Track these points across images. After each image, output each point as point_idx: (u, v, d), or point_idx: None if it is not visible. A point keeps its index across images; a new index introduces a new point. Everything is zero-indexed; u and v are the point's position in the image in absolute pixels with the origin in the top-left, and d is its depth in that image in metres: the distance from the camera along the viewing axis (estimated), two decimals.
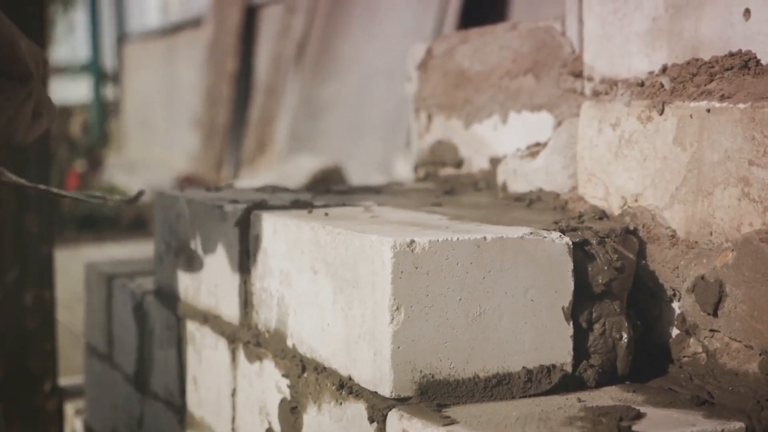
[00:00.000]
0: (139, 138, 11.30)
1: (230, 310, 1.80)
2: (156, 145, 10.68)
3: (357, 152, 6.55)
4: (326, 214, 1.64)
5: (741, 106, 1.40)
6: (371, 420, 1.37)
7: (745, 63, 1.49)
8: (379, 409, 1.36)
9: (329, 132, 7.05)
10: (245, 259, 1.74)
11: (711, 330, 1.41)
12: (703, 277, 1.42)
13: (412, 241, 1.35)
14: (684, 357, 1.46)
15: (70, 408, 2.71)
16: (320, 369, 1.51)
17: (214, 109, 8.89)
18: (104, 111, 12.24)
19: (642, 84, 1.63)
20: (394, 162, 5.68)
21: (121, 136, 11.78)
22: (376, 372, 1.37)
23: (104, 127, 12.01)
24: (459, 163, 2.24)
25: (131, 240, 6.48)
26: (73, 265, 3.67)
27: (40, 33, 2.57)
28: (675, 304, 1.49)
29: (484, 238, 1.38)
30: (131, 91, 11.78)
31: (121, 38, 12.18)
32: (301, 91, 7.36)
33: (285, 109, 7.56)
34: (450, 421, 1.28)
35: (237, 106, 8.61)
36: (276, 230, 1.63)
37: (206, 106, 9.04)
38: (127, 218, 7.17)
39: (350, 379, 1.44)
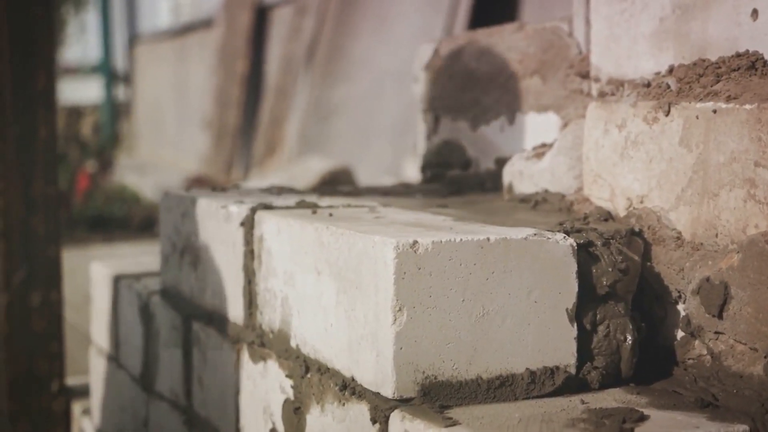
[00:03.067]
0: (150, 139, 11.32)
1: (235, 311, 1.80)
2: (167, 146, 10.69)
3: (366, 155, 6.55)
4: (330, 215, 1.63)
5: (747, 107, 1.39)
6: (374, 421, 1.36)
7: (752, 64, 1.48)
8: (381, 410, 1.35)
9: (339, 134, 7.05)
10: (250, 259, 1.74)
11: (716, 332, 1.40)
12: (708, 279, 1.41)
13: (415, 242, 1.34)
14: (689, 359, 1.46)
15: (77, 408, 2.71)
16: (323, 370, 1.51)
17: (224, 110, 8.90)
18: (115, 112, 12.26)
19: (648, 85, 1.63)
20: (404, 165, 5.67)
21: (133, 137, 11.80)
22: (378, 373, 1.37)
23: (115, 127, 12.04)
24: (466, 164, 2.24)
25: (141, 240, 6.49)
26: (83, 266, 3.67)
27: (47, 34, 2.58)
28: (680, 306, 1.49)
29: (488, 239, 1.38)
30: (142, 92, 11.80)
31: (133, 39, 12.20)
32: (311, 93, 7.36)
33: (295, 111, 7.56)
34: (452, 423, 1.28)
35: (247, 107, 8.61)
36: (280, 231, 1.63)
37: (217, 108, 9.04)
38: (137, 218, 7.18)
39: (353, 379, 1.43)
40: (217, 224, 1.84)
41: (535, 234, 1.41)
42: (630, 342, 1.45)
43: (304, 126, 7.38)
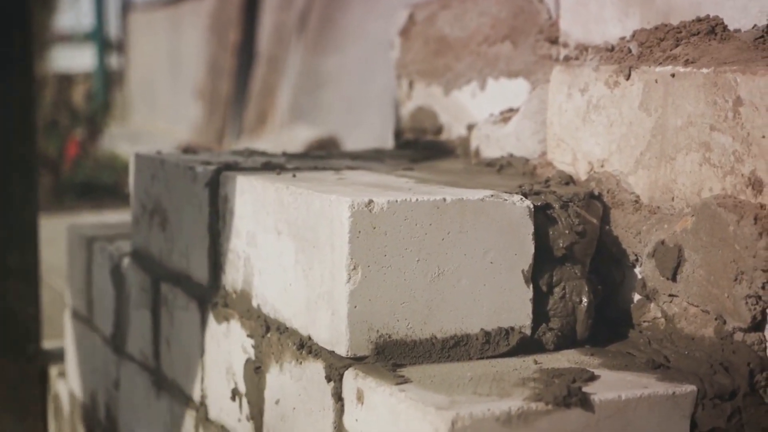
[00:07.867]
0: (143, 108, 11.29)
1: (200, 272, 1.81)
2: (160, 115, 10.66)
3: (356, 124, 6.54)
4: (294, 176, 1.64)
5: (704, 71, 1.39)
6: (329, 379, 1.37)
7: (711, 28, 1.48)
8: (336, 368, 1.36)
9: (330, 104, 7.03)
10: (215, 220, 1.74)
11: (670, 295, 1.41)
12: (663, 242, 1.41)
13: (370, 201, 1.35)
14: (644, 322, 1.47)
15: (54, 371, 2.72)
16: (283, 329, 1.52)
17: (216, 79, 8.88)
18: (108, 80, 12.21)
19: (612, 49, 1.63)
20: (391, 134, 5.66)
21: (125, 105, 11.77)
22: (333, 332, 1.37)
23: (108, 96, 11.99)
24: (438, 130, 2.24)
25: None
26: None
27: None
28: (637, 270, 1.49)
29: (444, 199, 1.38)
30: (136, 61, 11.75)
31: (126, 7, 12.14)
32: (303, 63, 7.34)
33: (286, 81, 7.55)
34: (404, 380, 1.29)
35: (239, 77, 8.58)
36: (243, 191, 1.63)
37: (209, 77, 9.02)
38: (126, 186, 7.17)
39: (310, 338, 1.44)
40: (185, 185, 1.84)
41: (491, 195, 1.41)
42: (586, 304, 1.46)
43: (295, 95, 7.37)
